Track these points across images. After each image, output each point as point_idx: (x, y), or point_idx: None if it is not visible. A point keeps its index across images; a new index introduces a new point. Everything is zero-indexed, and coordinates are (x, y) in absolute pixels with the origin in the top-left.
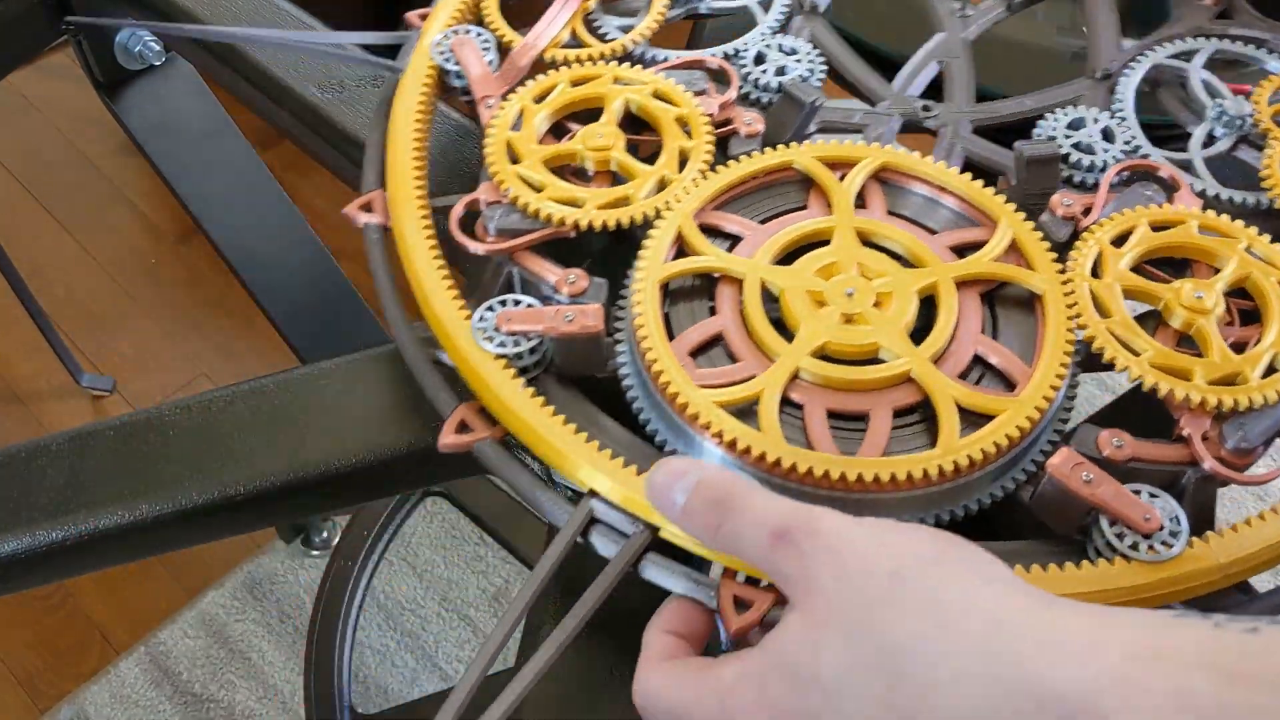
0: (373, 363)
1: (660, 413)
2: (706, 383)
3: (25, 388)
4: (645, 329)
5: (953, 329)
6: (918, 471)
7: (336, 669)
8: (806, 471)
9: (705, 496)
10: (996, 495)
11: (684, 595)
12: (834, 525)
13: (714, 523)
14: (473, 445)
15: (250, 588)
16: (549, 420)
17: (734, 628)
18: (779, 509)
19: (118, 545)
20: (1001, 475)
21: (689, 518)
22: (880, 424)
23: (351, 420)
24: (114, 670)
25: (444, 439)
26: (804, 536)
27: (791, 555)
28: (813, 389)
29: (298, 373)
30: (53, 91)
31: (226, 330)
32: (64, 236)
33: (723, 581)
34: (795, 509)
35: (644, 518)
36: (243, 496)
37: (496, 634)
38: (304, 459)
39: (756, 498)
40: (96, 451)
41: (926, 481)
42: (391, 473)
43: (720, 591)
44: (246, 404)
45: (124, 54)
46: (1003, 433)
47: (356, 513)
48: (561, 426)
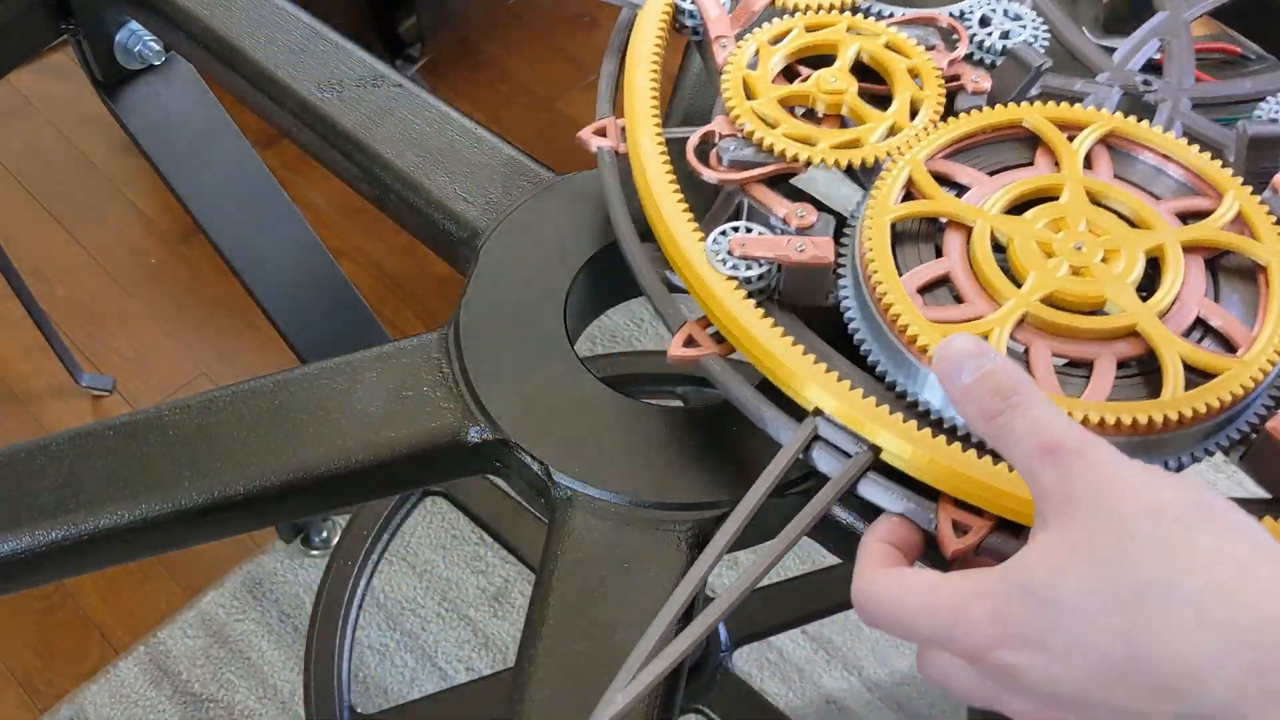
0: (372, 363)
1: (884, 344)
2: (935, 319)
3: (25, 387)
4: (875, 263)
5: (1178, 289)
6: (1144, 418)
7: (336, 669)
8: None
9: (991, 384)
10: (1200, 456)
11: (901, 515)
12: (1104, 455)
13: (992, 411)
14: (699, 359)
15: (250, 588)
16: (780, 340)
17: (951, 550)
18: (1057, 423)
19: (117, 545)
20: (1212, 434)
21: (968, 397)
22: (1104, 371)
23: (351, 420)
24: (113, 670)
25: (672, 351)
26: (1074, 457)
27: (1056, 472)
28: (1037, 333)
29: (297, 373)
30: (52, 91)
31: (226, 330)
32: (63, 236)
33: (941, 505)
34: (1071, 427)
35: (868, 438)
36: (242, 496)
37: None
38: (304, 459)
39: (1038, 404)
40: (96, 451)
41: (1149, 429)
42: (391, 473)
43: (939, 514)
44: (246, 404)
45: (123, 53)
46: (1227, 389)
47: (356, 513)
48: (791, 346)
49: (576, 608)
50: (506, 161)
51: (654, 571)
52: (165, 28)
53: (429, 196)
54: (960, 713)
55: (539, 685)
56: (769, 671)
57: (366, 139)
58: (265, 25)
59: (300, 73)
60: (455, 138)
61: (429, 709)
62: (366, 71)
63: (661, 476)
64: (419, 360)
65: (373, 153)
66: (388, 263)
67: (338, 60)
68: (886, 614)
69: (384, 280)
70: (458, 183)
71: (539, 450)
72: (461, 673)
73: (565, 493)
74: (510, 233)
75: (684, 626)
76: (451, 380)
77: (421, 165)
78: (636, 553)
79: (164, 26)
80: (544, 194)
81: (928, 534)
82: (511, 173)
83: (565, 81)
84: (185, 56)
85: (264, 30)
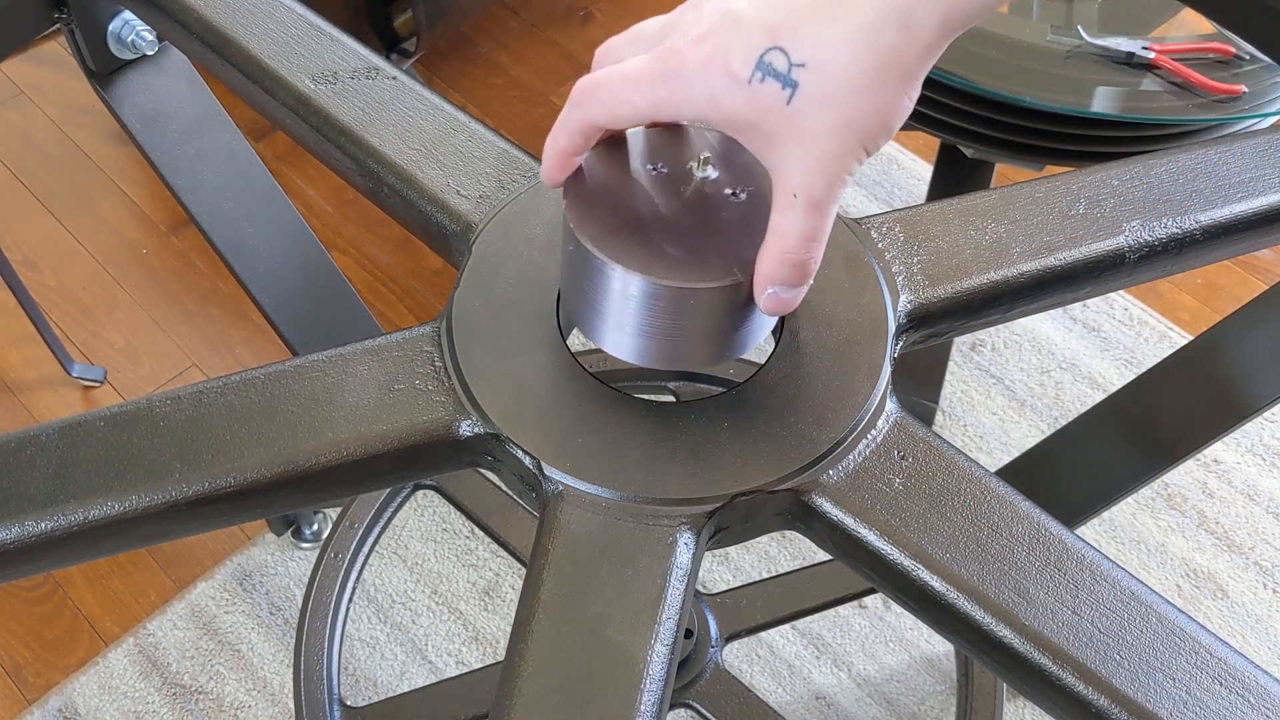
0: (364, 355)
1: None
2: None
3: (15, 377)
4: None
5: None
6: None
7: (326, 661)
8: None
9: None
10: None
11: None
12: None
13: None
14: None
15: (240, 580)
16: None
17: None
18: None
19: (107, 536)
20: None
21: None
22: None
23: (343, 413)
24: (102, 661)
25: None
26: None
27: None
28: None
29: (289, 365)
30: (44, 80)
31: (218, 321)
32: (55, 226)
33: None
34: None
35: None
36: (233, 488)
37: None
38: (295, 451)
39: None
40: (86, 442)
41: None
42: (382, 466)
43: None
44: (238, 395)
45: (116, 43)
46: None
47: (347, 506)
48: None
49: (567, 602)
50: (500, 155)
51: (645, 566)
52: (158, 17)
53: (422, 189)
54: (949, 710)
55: (529, 679)
56: (759, 667)
57: (360, 131)
58: (259, 16)
59: (294, 64)
60: (449, 131)
61: (419, 702)
62: (361, 64)
63: (653, 471)
64: (411, 353)
65: (366, 145)
66: (380, 255)
67: (332, 52)
68: (613, 44)
69: (376, 273)
70: (451, 176)
71: (530, 444)
72: (451, 666)
73: (556, 487)
74: (503, 226)
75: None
76: (443, 373)
77: (415, 158)
78: (627, 547)
79: (157, 16)
80: (537, 188)
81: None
82: (505, 166)
83: (559, 75)
84: (178, 47)
85: (258, 21)
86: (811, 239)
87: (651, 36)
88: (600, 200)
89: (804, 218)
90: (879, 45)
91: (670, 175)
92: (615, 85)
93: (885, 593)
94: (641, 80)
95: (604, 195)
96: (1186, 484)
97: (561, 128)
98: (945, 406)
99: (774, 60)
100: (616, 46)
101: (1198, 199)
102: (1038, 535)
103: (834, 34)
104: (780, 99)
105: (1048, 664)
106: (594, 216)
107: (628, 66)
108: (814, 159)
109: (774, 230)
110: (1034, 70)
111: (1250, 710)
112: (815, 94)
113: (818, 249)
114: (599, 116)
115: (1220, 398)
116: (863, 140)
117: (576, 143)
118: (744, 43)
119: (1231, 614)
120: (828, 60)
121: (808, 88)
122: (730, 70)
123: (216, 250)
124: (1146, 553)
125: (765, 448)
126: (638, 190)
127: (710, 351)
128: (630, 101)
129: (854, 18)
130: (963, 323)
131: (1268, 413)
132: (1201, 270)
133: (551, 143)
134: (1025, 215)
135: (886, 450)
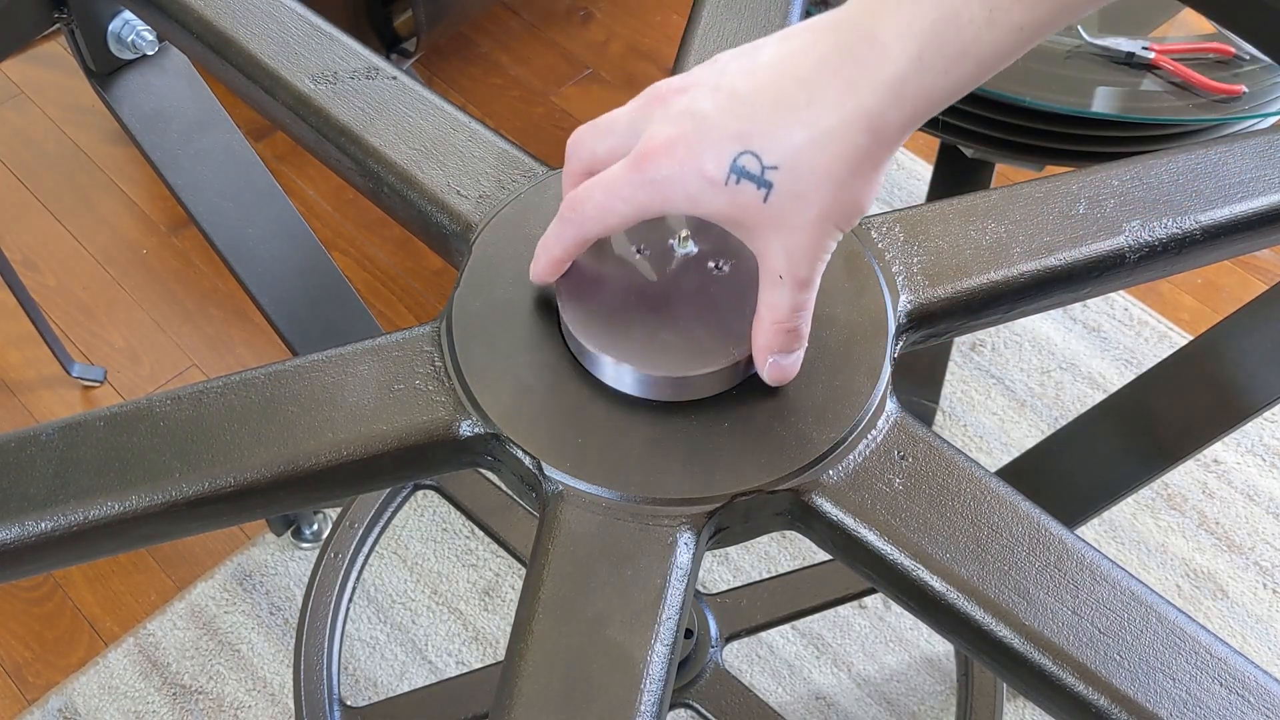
0: (364, 355)
1: None
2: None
3: (15, 377)
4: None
5: None
6: None
7: (326, 661)
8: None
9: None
10: None
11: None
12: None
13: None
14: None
15: (240, 580)
16: None
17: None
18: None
19: (107, 536)
20: None
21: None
22: None
23: (343, 413)
24: (102, 661)
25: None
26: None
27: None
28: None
29: (289, 365)
30: (44, 80)
31: (218, 321)
32: (55, 226)
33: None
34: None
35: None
36: (233, 489)
37: None
38: (295, 451)
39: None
40: (86, 442)
41: None
42: (382, 466)
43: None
44: (237, 395)
45: (116, 43)
46: None
47: (347, 506)
48: None
49: (567, 602)
50: (500, 155)
51: (645, 566)
52: (158, 17)
53: (422, 189)
54: (949, 710)
55: (528, 679)
56: (759, 667)
57: (360, 131)
58: (259, 16)
59: (294, 64)
60: (449, 131)
61: (419, 702)
62: (361, 64)
63: (653, 471)
64: (411, 353)
65: (366, 145)
66: (380, 255)
67: (332, 52)
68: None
69: (376, 273)
70: (451, 176)
71: (530, 444)
72: (451, 666)
73: (556, 487)
74: (503, 226)
75: (680, 624)
76: (443, 373)
77: (415, 158)
78: (627, 547)
79: (157, 16)
80: (538, 188)
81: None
82: (505, 166)
83: (559, 75)
84: (178, 47)
85: (258, 21)
86: (800, 309)
87: (622, 130)
88: (592, 295)
89: (791, 294)
90: (849, 146)
91: (654, 255)
92: (599, 199)
93: (885, 593)
94: (622, 189)
95: (595, 289)
96: (1186, 484)
97: (556, 240)
98: (945, 406)
99: (747, 164)
100: (587, 140)
101: (1198, 199)
102: (1038, 535)
103: (804, 138)
104: (757, 197)
105: (1048, 664)
106: (590, 316)
107: (607, 177)
108: (795, 245)
109: (764, 305)
110: (1034, 70)
111: (1250, 710)
112: (790, 191)
113: (807, 315)
114: (590, 230)
115: (1220, 398)
116: (838, 224)
117: (571, 252)
118: (715, 147)
119: (1231, 614)
120: (800, 161)
121: (782, 186)
122: (705, 174)
123: (216, 250)
124: (1146, 553)
125: (765, 448)
126: (626, 277)
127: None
128: (616, 210)
129: (821, 123)
130: (963, 323)
131: (1268, 413)
132: (1201, 270)
133: (546, 252)
134: (1025, 215)
135: (886, 450)
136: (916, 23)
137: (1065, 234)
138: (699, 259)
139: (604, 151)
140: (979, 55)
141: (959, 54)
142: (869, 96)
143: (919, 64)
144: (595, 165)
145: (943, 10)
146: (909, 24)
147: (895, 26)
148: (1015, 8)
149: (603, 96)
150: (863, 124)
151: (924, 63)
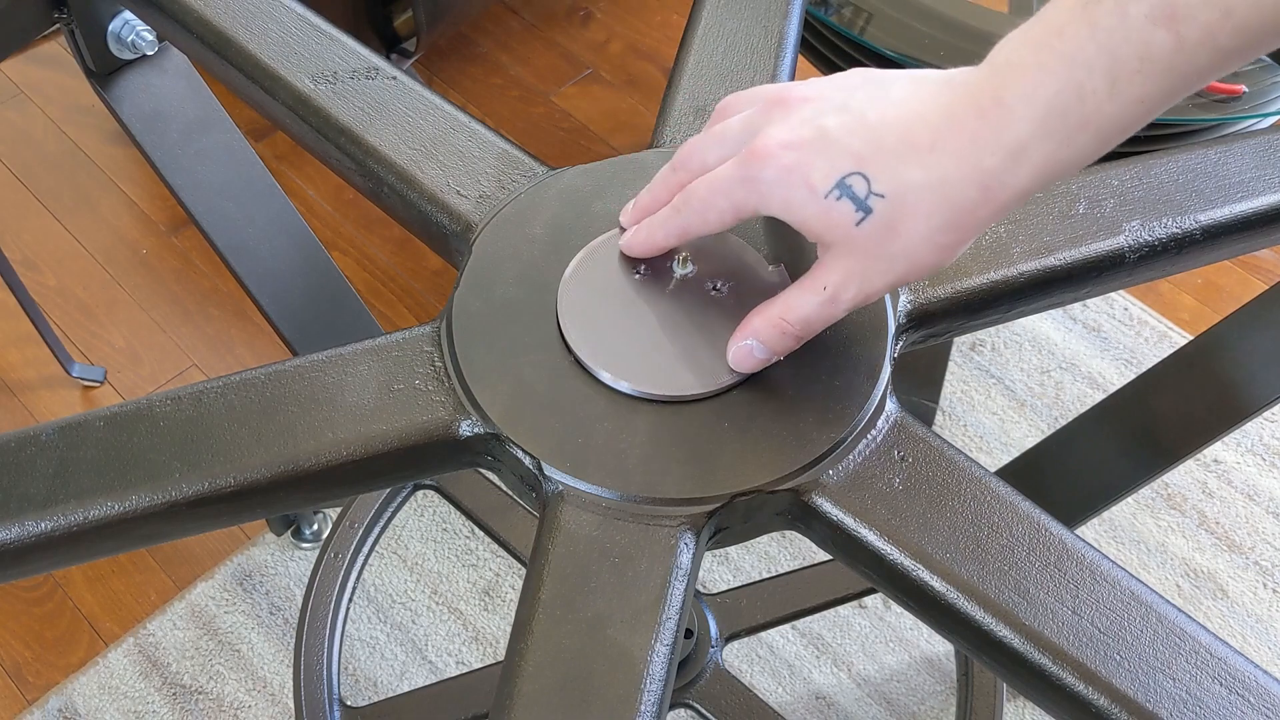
0: (364, 355)
1: None
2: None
3: (15, 377)
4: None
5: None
6: None
7: (326, 661)
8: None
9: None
10: None
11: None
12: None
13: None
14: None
15: (240, 580)
16: None
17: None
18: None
19: (107, 537)
20: None
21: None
22: None
23: (343, 413)
24: (102, 661)
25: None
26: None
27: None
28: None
29: (289, 365)
30: (44, 80)
31: (218, 321)
32: (55, 226)
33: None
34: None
35: None
36: (233, 489)
37: None
38: (295, 451)
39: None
40: (86, 442)
41: None
42: (382, 466)
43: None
44: (237, 396)
45: (116, 43)
46: None
47: (347, 505)
48: None
49: (567, 602)
50: (500, 155)
51: (645, 566)
52: (158, 17)
53: (422, 189)
54: (949, 710)
55: (529, 679)
56: (759, 667)
57: (360, 131)
58: (259, 16)
59: (294, 64)
60: (449, 131)
61: (419, 702)
62: (361, 64)
63: (653, 471)
64: (411, 353)
65: (366, 145)
66: (380, 255)
67: (332, 52)
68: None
69: (376, 273)
70: (451, 176)
71: (530, 444)
72: (451, 666)
73: (556, 487)
74: (503, 226)
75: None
76: (443, 373)
77: (415, 158)
78: (628, 548)
79: (157, 16)
80: (537, 188)
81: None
82: (505, 166)
83: (559, 75)
84: (178, 47)
85: (258, 21)
86: (810, 322)
87: (735, 138)
88: (594, 314)
89: (820, 307)
90: (957, 201)
91: (653, 277)
92: (703, 193)
93: (885, 593)
94: (726, 185)
95: (597, 308)
96: (1186, 484)
97: (662, 228)
98: (945, 406)
99: (854, 184)
100: (700, 148)
101: (1198, 199)
102: (1038, 535)
103: (920, 179)
104: (851, 219)
105: (1048, 664)
106: (592, 335)
107: (716, 174)
108: (859, 272)
109: (784, 298)
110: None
111: (1250, 710)
112: (885, 223)
113: (808, 334)
114: (693, 224)
115: (1220, 398)
116: (908, 275)
117: (672, 241)
118: (829, 161)
119: (1231, 614)
120: (907, 198)
121: (880, 216)
122: (810, 182)
123: (216, 250)
124: (1146, 553)
125: (765, 448)
126: (628, 298)
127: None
128: (717, 207)
129: (940, 170)
130: (963, 323)
131: (1268, 413)
132: (1201, 270)
133: (649, 237)
134: (1025, 215)
135: (886, 450)
136: (1040, 90)
137: (1065, 234)
138: (697, 279)
139: (714, 160)
140: (1099, 127)
141: (1080, 125)
142: (989, 157)
143: (1042, 130)
144: (706, 172)
145: (1066, 81)
146: (1033, 91)
147: (1020, 93)
148: (1137, 79)
149: (603, 96)
150: (978, 180)
151: (1046, 130)
